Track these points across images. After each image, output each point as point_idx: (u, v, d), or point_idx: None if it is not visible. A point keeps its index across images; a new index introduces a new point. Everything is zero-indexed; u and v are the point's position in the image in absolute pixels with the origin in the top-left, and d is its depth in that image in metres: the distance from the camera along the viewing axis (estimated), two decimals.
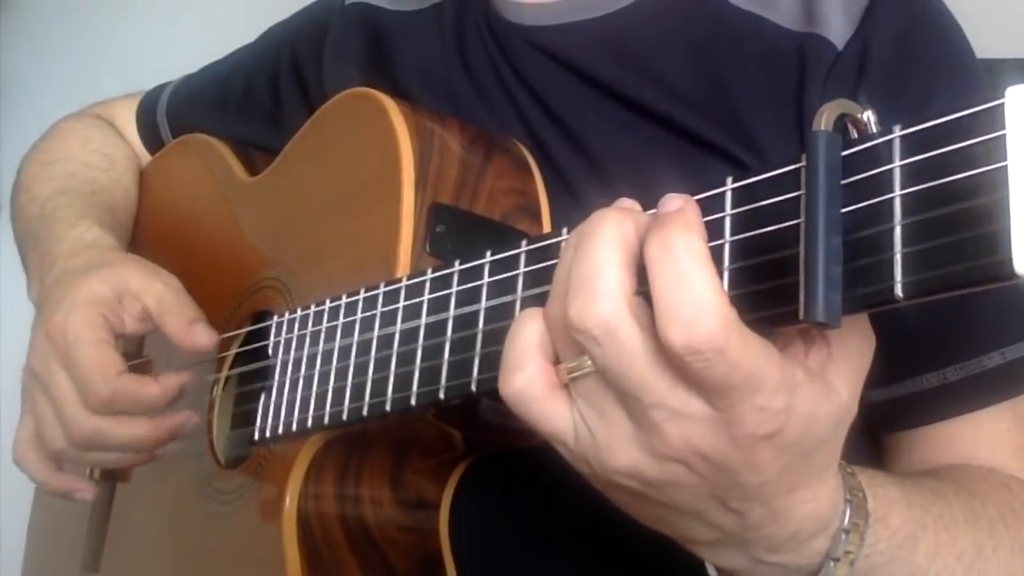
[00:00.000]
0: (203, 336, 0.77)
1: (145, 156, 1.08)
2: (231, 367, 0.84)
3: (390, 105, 0.70)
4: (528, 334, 0.46)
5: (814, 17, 0.71)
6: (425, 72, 0.84)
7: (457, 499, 0.74)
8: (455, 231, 0.68)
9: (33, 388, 0.77)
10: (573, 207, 0.72)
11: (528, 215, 0.72)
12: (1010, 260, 0.34)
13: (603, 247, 0.43)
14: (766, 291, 0.42)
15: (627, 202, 0.47)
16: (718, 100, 0.72)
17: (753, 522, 0.46)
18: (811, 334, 0.44)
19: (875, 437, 0.72)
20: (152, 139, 1.08)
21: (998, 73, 0.82)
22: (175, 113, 1.06)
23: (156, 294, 0.78)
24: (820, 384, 0.43)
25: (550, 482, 0.70)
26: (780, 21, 0.72)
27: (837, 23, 0.70)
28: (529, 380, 0.46)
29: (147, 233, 1.01)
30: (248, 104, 1.00)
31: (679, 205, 0.43)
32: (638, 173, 0.72)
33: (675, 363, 0.41)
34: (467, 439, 0.71)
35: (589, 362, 0.44)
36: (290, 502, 0.68)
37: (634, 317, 0.42)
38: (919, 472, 0.67)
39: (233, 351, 0.84)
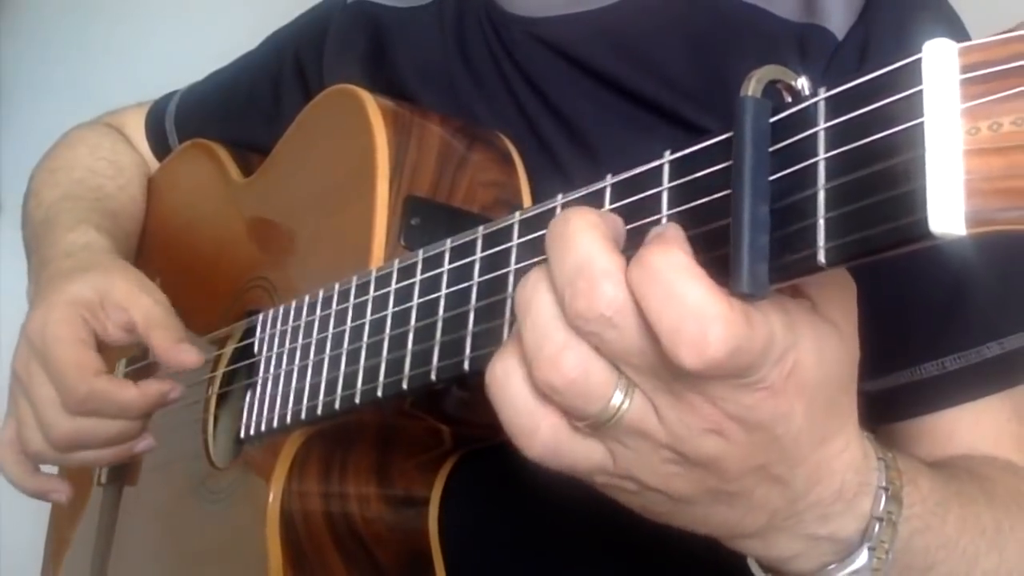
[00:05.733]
0: (190, 354, 0.75)
1: (155, 164, 1.10)
2: (227, 365, 0.85)
3: (367, 100, 0.70)
4: (522, 389, 0.43)
5: (814, 8, 0.70)
6: (425, 67, 0.84)
7: (446, 496, 0.73)
8: (431, 224, 0.67)
9: (16, 390, 0.78)
10: None
11: (509, 208, 0.71)
12: (925, 219, 0.33)
13: (580, 237, 0.41)
14: (701, 264, 0.40)
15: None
16: (717, 92, 0.71)
17: (799, 489, 0.45)
18: (797, 287, 0.43)
19: (873, 431, 0.71)
20: (161, 147, 1.09)
21: None
22: (182, 121, 1.07)
23: (144, 307, 0.77)
24: (815, 316, 0.42)
25: (540, 479, 0.69)
26: (780, 12, 0.71)
27: (837, 13, 0.70)
28: (551, 433, 0.43)
29: (154, 239, 1.03)
30: (251, 109, 1.01)
31: (660, 231, 0.41)
32: (637, 163, 0.71)
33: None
34: (451, 432, 0.70)
35: (615, 402, 0.42)
36: (273, 499, 0.68)
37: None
38: None
39: (228, 349, 0.84)
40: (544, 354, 0.41)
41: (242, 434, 0.73)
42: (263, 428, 0.70)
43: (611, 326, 0.40)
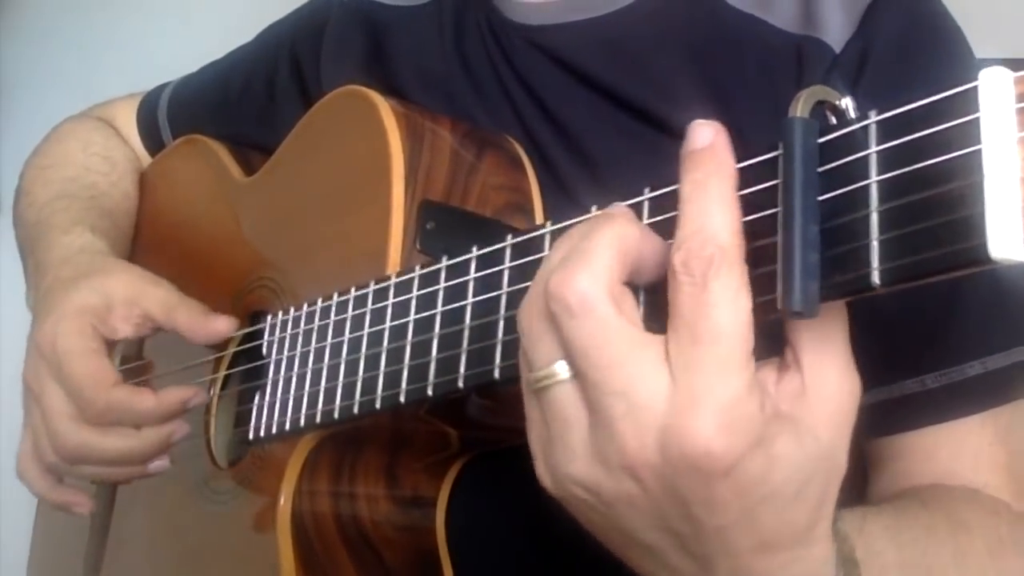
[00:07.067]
0: (222, 322, 0.75)
1: (146, 158, 1.08)
2: (227, 367, 0.84)
3: (380, 103, 0.70)
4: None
5: (812, 19, 0.70)
6: (423, 69, 0.84)
7: (453, 498, 0.74)
8: (446, 228, 0.68)
9: (29, 402, 0.77)
10: (568, 207, 0.71)
11: (521, 212, 0.72)
12: (984, 244, 0.34)
13: (603, 232, 0.43)
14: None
15: (620, 207, 0.46)
16: (715, 103, 0.71)
17: None
18: (786, 362, 0.43)
19: (858, 445, 0.71)
20: (153, 141, 1.08)
21: None
22: (175, 115, 1.06)
23: (156, 297, 0.77)
24: (786, 420, 0.41)
25: None
26: (778, 23, 0.71)
27: (835, 25, 0.70)
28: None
29: (146, 235, 1.02)
30: (246, 104, 1.00)
31: (709, 137, 0.43)
32: (634, 173, 0.71)
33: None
34: (460, 436, 0.71)
35: (557, 372, 0.43)
36: (284, 501, 0.68)
37: (614, 299, 0.41)
38: (903, 487, 0.66)
39: (230, 351, 0.84)
40: (526, 297, 0.45)
41: (251, 436, 0.73)
42: (274, 431, 0.70)
43: (571, 315, 0.41)
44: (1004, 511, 0.62)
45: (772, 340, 0.42)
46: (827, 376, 0.42)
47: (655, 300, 0.44)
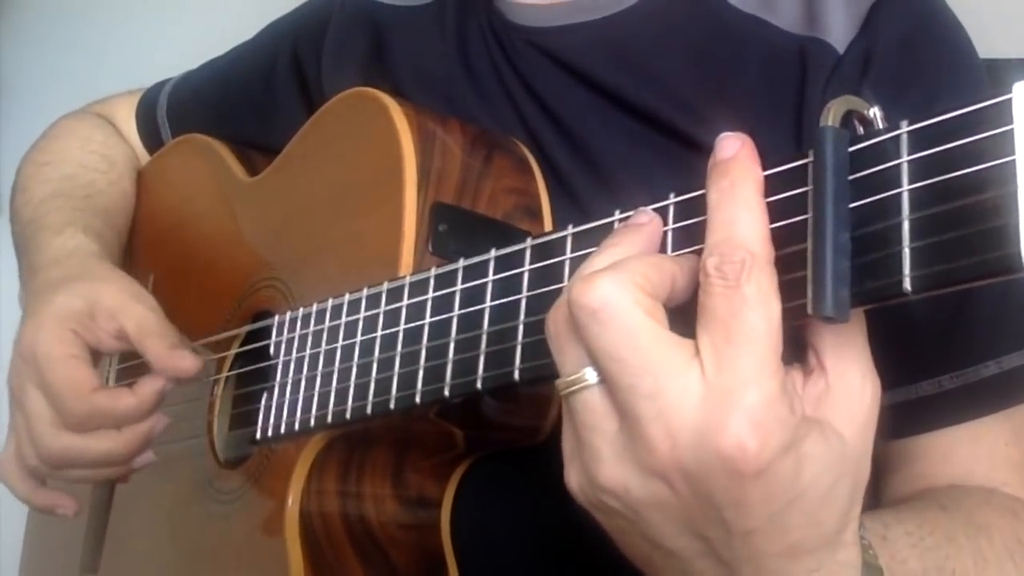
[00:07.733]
0: (186, 359, 0.74)
1: (146, 157, 1.08)
2: (231, 367, 0.84)
3: (392, 105, 0.71)
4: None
5: (815, 20, 0.71)
6: (423, 70, 0.84)
7: (459, 498, 0.74)
8: (457, 230, 0.68)
9: (13, 406, 0.77)
10: (573, 209, 0.72)
11: (529, 215, 0.72)
12: (1018, 254, 0.34)
13: (630, 242, 0.44)
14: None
15: (646, 215, 0.47)
16: (717, 104, 0.71)
17: None
18: (810, 366, 0.44)
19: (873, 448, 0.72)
20: (152, 139, 1.07)
21: (1001, 73, 0.82)
22: (175, 113, 1.06)
23: (135, 316, 0.76)
24: (813, 423, 0.42)
25: (552, 482, 0.71)
26: (781, 24, 0.72)
27: (838, 26, 0.70)
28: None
29: (145, 234, 1.01)
30: (245, 102, 1.00)
31: (736, 148, 0.43)
32: (637, 176, 0.72)
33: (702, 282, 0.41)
34: (469, 438, 0.71)
35: (585, 377, 0.43)
36: (292, 501, 0.68)
37: (639, 303, 0.41)
38: (920, 489, 0.67)
39: (233, 351, 0.84)
40: (553, 305, 0.45)
41: (258, 436, 0.73)
42: (282, 431, 0.70)
43: (595, 321, 0.42)
44: (1022, 512, 0.63)
45: (792, 345, 0.43)
46: (850, 379, 0.43)
47: (679, 306, 0.44)
